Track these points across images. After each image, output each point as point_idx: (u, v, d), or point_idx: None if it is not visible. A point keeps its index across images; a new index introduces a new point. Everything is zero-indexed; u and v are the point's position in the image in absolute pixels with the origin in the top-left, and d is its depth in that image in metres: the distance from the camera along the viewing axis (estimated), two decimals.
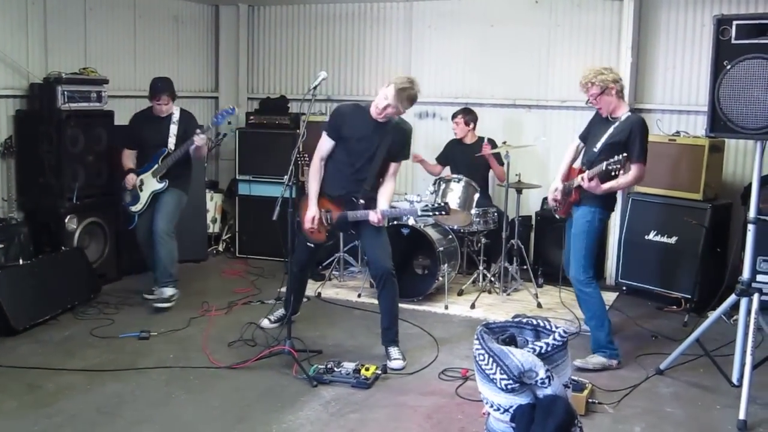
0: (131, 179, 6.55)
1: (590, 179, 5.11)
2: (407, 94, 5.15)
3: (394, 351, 5.34)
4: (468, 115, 7.60)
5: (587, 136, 5.56)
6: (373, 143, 5.30)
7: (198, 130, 6.37)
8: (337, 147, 5.41)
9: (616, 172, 5.02)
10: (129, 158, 6.69)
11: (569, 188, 5.45)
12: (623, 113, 5.26)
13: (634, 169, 5.16)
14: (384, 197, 5.38)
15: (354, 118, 5.33)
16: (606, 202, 5.34)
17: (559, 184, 5.59)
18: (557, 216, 5.74)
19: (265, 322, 5.99)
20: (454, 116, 7.66)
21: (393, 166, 5.45)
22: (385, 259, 5.36)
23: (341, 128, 5.35)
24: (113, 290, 6.83)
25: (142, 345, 5.58)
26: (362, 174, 5.36)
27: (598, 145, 5.27)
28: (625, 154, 5.00)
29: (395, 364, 5.23)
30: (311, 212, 5.42)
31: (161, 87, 6.53)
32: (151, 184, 6.54)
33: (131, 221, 6.68)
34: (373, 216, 5.23)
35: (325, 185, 5.48)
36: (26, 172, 6.61)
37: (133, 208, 6.61)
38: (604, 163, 5.06)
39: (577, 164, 5.61)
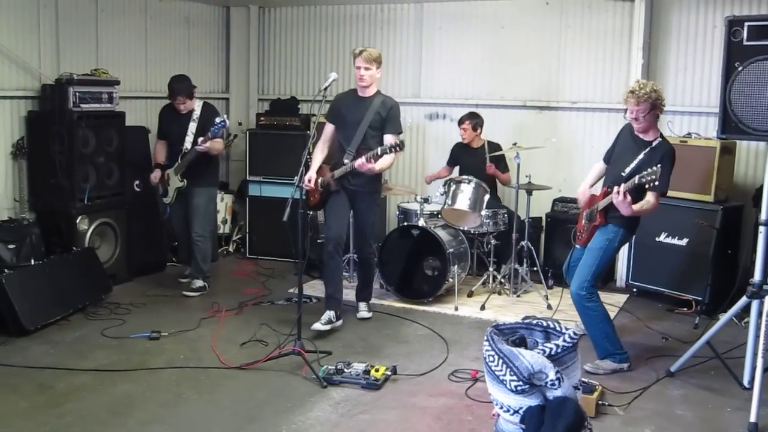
0: (156, 175, 6.97)
1: (625, 195, 4.92)
2: (365, 55, 5.93)
3: (362, 306, 6.38)
4: (475, 119, 7.59)
5: (611, 157, 5.42)
6: (359, 115, 5.97)
7: (200, 139, 6.66)
8: (336, 129, 6.15)
9: (651, 184, 4.85)
10: (160, 150, 7.11)
11: (593, 213, 5.33)
12: (655, 138, 5.13)
13: (651, 196, 5.01)
14: (378, 158, 5.86)
15: (346, 99, 6.17)
16: (631, 224, 5.24)
17: (587, 191, 5.48)
18: (577, 245, 5.57)
19: (316, 325, 5.83)
20: (460, 122, 7.65)
21: (386, 138, 5.98)
22: (367, 244, 6.29)
23: (336, 110, 6.15)
24: (124, 291, 6.86)
25: (153, 345, 5.60)
26: (349, 140, 6.01)
27: (627, 169, 5.10)
28: (659, 165, 4.87)
29: (362, 314, 6.28)
30: (310, 173, 6.02)
31: (176, 89, 6.82)
32: (174, 182, 6.94)
33: (165, 211, 7.19)
34: (357, 162, 5.78)
35: (332, 162, 6.16)
36: (38, 173, 6.63)
37: (165, 200, 7.08)
38: (637, 176, 4.89)
39: (596, 188, 5.49)
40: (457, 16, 8.35)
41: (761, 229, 4.74)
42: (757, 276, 4.74)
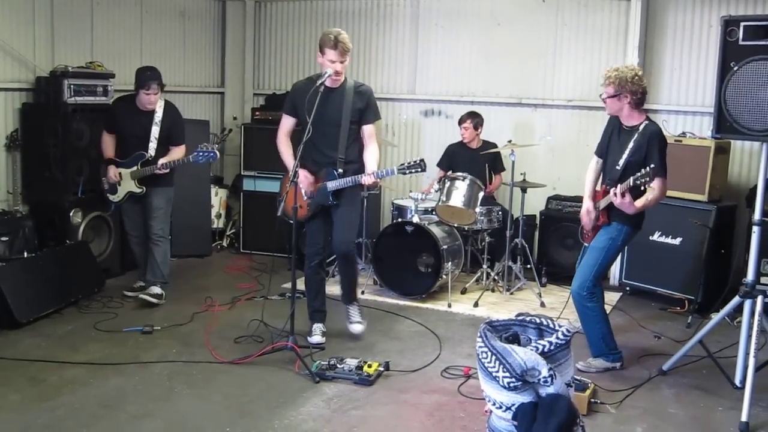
0: (114, 174, 6.39)
1: (623, 194, 4.87)
2: (342, 47, 5.21)
3: (354, 312, 5.81)
4: (475, 118, 7.58)
5: (605, 151, 5.33)
6: (334, 113, 5.34)
7: (160, 165, 6.25)
8: (302, 124, 5.39)
9: (645, 186, 4.81)
10: (109, 144, 6.51)
11: (598, 211, 5.22)
12: (641, 122, 5.05)
13: (657, 184, 4.90)
14: (370, 160, 5.41)
15: (313, 92, 5.18)
16: (636, 221, 5.13)
17: (589, 203, 5.30)
18: (584, 243, 5.47)
19: (316, 339, 5.65)
20: (461, 121, 7.62)
21: (366, 128, 5.47)
22: (350, 238, 5.57)
23: (297, 104, 5.37)
24: (117, 284, 6.84)
25: (145, 339, 5.59)
26: (333, 146, 5.40)
27: (621, 162, 5.05)
28: (652, 165, 4.75)
29: (355, 327, 5.74)
30: (301, 172, 5.33)
31: (151, 75, 6.29)
32: (128, 184, 6.43)
33: (109, 207, 6.70)
34: (367, 179, 5.29)
35: (305, 163, 5.41)
36: (31, 166, 6.62)
37: (111, 197, 6.52)
38: (631, 178, 4.81)
39: (599, 185, 5.43)
40: (453, 13, 8.35)
41: (754, 228, 4.75)
42: (750, 276, 4.75)
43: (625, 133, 5.12)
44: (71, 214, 6.60)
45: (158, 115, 6.41)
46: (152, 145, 6.39)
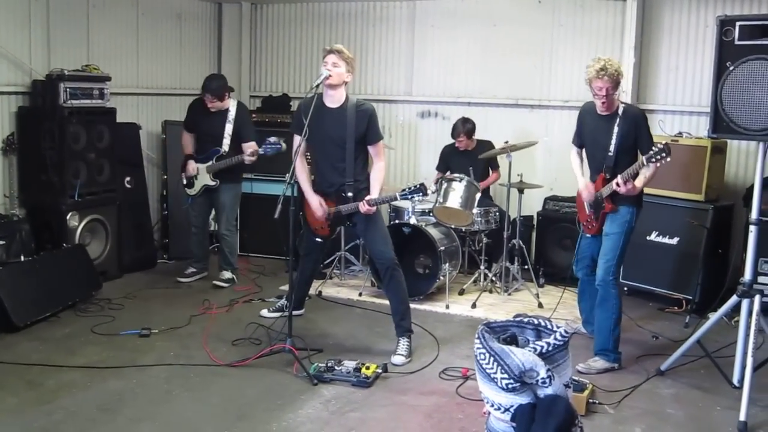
0: (192, 168, 7.01)
1: (625, 182, 5.03)
2: (334, 48, 5.26)
3: (402, 345, 5.40)
4: (468, 125, 7.53)
5: (584, 140, 5.50)
6: (338, 134, 5.33)
7: (249, 153, 6.78)
8: (310, 143, 5.42)
9: (663, 161, 4.93)
10: (188, 141, 7.14)
11: (599, 200, 5.31)
12: (619, 107, 5.22)
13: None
14: (375, 183, 5.42)
15: (315, 110, 5.22)
16: (639, 199, 5.29)
17: (585, 180, 5.47)
18: (588, 235, 5.56)
19: (264, 312, 6.24)
20: (455, 135, 7.53)
21: (371, 148, 5.46)
22: (387, 251, 5.47)
23: (302, 123, 5.26)
24: (114, 287, 6.83)
25: (143, 342, 5.57)
26: (340, 164, 5.40)
27: (612, 147, 5.16)
28: (665, 142, 4.94)
29: (397, 359, 5.28)
30: (314, 200, 5.49)
31: (206, 86, 6.90)
32: (204, 178, 7.01)
33: (186, 201, 7.23)
34: (362, 207, 5.30)
35: (318, 183, 5.59)
36: (28, 169, 6.61)
37: (189, 191, 7.12)
38: (644, 158, 4.97)
39: (587, 173, 5.53)
40: (449, 14, 8.35)
41: (751, 228, 4.74)
42: (747, 275, 4.74)
43: (605, 120, 5.22)
44: (68, 217, 6.59)
45: (231, 114, 6.99)
46: (226, 141, 6.95)
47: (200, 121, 7.02)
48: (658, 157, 4.91)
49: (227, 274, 7.18)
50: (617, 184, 5.06)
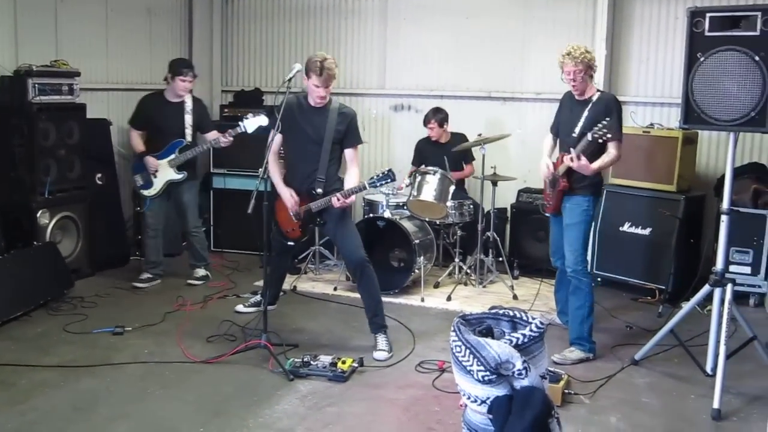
0: (154, 163, 6.71)
1: (578, 157, 5.11)
2: (327, 74, 5.20)
3: (381, 341, 5.40)
4: (439, 114, 7.57)
5: (558, 127, 5.58)
6: (316, 132, 5.37)
7: (229, 132, 6.55)
8: (286, 141, 5.49)
9: (604, 138, 5.04)
10: (139, 140, 6.84)
11: (556, 178, 5.41)
12: (594, 94, 5.30)
13: (613, 147, 5.19)
14: (349, 181, 5.42)
15: (300, 110, 5.40)
16: (596, 189, 5.37)
17: (547, 160, 5.53)
18: (546, 214, 5.68)
19: (239, 307, 6.23)
20: (426, 122, 7.61)
21: (348, 152, 5.49)
22: (357, 249, 5.46)
23: (288, 121, 5.37)
24: (87, 285, 6.76)
25: (117, 340, 5.52)
26: (313, 164, 5.41)
27: (577, 129, 5.27)
28: (608, 119, 5.05)
29: (378, 355, 5.28)
30: (286, 192, 5.47)
31: (189, 62, 6.81)
32: (167, 173, 6.74)
33: (145, 204, 6.93)
34: (335, 201, 5.30)
35: (289, 178, 5.56)
36: None
37: (147, 192, 6.83)
38: (589, 134, 5.07)
39: (555, 156, 5.58)
40: (421, 7, 8.35)
41: (723, 218, 4.80)
42: (719, 264, 4.80)
43: (579, 105, 5.33)
44: (39, 214, 6.50)
45: (188, 105, 6.82)
46: (188, 131, 6.78)
47: (156, 116, 6.76)
48: (600, 133, 5.02)
49: (201, 272, 7.11)
50: (570, 159, 5.14)
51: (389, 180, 5.36)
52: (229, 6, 9.26)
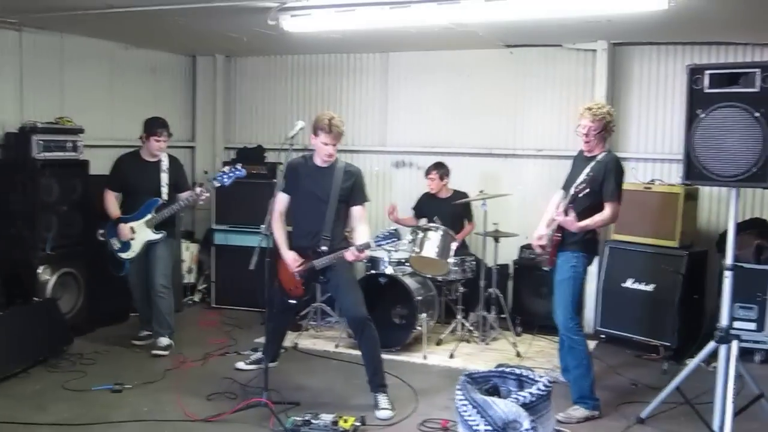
0: (127, 232, 6.49)
1: (565, 212, 5.10)
2: (336, 131, 5.32)
3: (382, 399, 5.32)
4: (441, 169, 7.63)
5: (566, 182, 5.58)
6: (322, 190, 5.42)
7: (201, 188, 6.45)
8: (293, 200, 5.56)
9: (582, 192, 5.04)
10: (113, 203, 6.64)
11: (551, 232, 5.39)
12: (601, 152, 5.31)
13: (608, 208, 5.17)
14: (360, 240, 5.40)
15: (305, 169, 5.50)
16: (587, 246, 5.31)
17: (543, 230, 5.51)
18: (545, 268, 5.61)
19: (240, 364, 6.16)
20: (427, 173, 7.68)
21: (356, 210, 5.53)
22: (358, 306, 5.43)
23: (294, 181, 5.48)
24: (86, 342, 6.71)
25: (116, 398, 5.46)
26: (319, 222, 5.42)
27: (574, 185, 5.25)
28: (590, 173, 5.09)
29: (382, 414, 5.20)
30: (289, 255, 5.48)
31: (163, 122, 6.59)
32: (145, 234, 6.51)
33: (122, 268, 6.64)
34: (349, 255, 5.29)
35: (294, 237, 5.59)
36: None
37: (124, 255, 6.57)
38: (572, 188, 5.09)
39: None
40: (421, 66, 8.44)
41: (726, 273, 4.78)
42: (724, 321, 4.76)
43: (584, 162, 5.34)
44: (39, 270, 6.49)
45: (164, 164, 6.65)
46: (164, 190, 6.59)
47: (133, 176, 6.58)
48: (581, 187, 5.04)
49: (165, 341, 6.61)
50: (557, 213, 5.15)
51: (395, 240, 5.35)
52: (232, 65, 9.36)
